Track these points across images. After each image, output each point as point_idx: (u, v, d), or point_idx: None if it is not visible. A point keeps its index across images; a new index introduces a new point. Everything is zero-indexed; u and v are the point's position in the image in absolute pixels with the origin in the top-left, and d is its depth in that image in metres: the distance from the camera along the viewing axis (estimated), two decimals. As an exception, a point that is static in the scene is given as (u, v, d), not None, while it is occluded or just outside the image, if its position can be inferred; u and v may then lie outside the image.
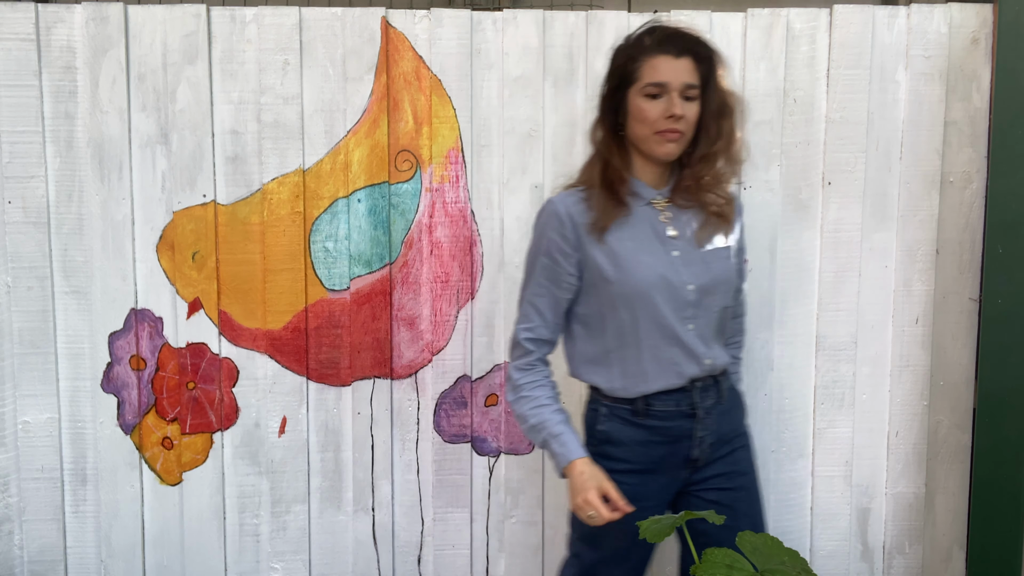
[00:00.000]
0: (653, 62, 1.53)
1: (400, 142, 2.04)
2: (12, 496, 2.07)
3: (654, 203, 1.60)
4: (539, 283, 1.62)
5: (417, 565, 2.15)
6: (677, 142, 1.55)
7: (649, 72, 1.53)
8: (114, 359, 2.06)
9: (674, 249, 1.58)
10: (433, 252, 2.07)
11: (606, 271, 1.56)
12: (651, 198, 1.60)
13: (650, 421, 1.60)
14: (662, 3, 2.16)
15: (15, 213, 2.00)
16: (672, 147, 1.55)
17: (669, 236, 1.59)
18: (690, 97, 1.54)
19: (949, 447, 2.13)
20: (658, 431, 1.60)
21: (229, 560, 2.12)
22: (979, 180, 2.06)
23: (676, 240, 1.59)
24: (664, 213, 1.60)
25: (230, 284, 2.05)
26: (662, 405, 1.60)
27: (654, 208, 1.60)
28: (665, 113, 1.52)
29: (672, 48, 1.53)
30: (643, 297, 1.55)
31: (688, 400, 1.60)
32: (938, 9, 2.04)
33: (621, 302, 1.56)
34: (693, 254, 1.59)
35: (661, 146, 1.55)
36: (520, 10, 2.03)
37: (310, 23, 2.01)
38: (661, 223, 1.59)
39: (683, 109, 1.52)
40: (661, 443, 1.61)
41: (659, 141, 1.55)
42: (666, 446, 1.61)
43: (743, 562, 1.10)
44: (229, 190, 2.03)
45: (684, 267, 1.57)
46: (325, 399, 2.09)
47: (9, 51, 1.96)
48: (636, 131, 1.57)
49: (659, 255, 1.57)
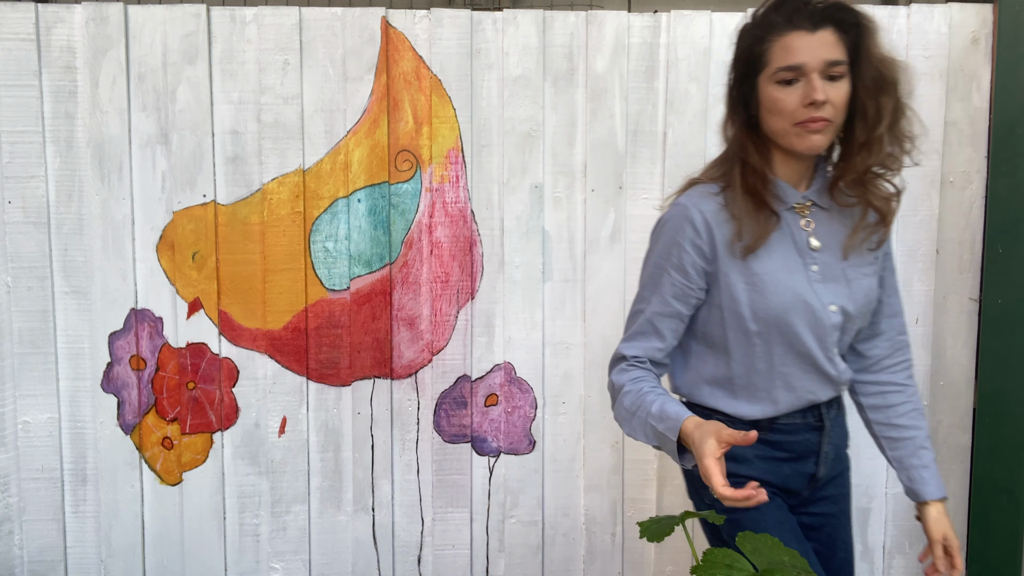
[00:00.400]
0: (784, 41, 1.27)
1: (400, 142, 2.04)
2: (12, 496, 2.07)
3: (796, 208, 1.36)
4: (664, 300, 1.37)
5: (417, 565, 2.15)
6: (824, 132, 1.28)
7: (780, 54, 1.27)
8: (114, 359, 2.06)
9: (814, 263, 1.35)
10: (433, 252, 2.07)
11: (739, 293, 1.34)
12: (794, 202, 1.35)
13: (774, 436, 1.39)
14: (662, 3, 2.16)
15: (15, 213, 2.00)
16: (819, 138, 1.28)
17: (811, 248, 1.35)
18: (835, 76, 1.27)
19: (949, 447, 2.13)
20: (782, 446, 1.40)
21: (229, 560, 2.12)
22: (979, 180, 2.06)
23: (818, 253, 1.35)
24: (805, 219, 1.36)
25: (230, 284, 2.05)
26: (787, 419, 1.40)
27: (796, 214, 1.36)
28: (804, 100, 1.26)
29: (806, 20, 1.26)
30: (780, 323, 1.33)
31: (816, 412, 1.41)
32: (938, 9, 2.04)
33: (755, 327, 1.34)
34: (835, 268, 1.35)
35: (804, 139, 1.28)
36: (520, 10, 2.03)
37: (310, 23, 2.01)
38: (802, 231, 1.35)
39: (826, 92, 1.26)
40: (786, 459, 1.41)
41: (800, 134, 1.28)
42: (790, 463, 1.41)
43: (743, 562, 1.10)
44: (229, 190, 2.03)
45: (824, 285, 1.35)
46: (325, 399, 2.09)
47: (9, 51, 1.96)
48: (772, 124, 1.31)
49: (798, 272, 1.34)
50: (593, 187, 2.06)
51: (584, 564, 2.17)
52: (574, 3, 2.66)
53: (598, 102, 2.04)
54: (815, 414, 1.40)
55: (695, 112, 2.05)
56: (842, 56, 1.27)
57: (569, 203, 2.07)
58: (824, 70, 1.26)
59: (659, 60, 2.04)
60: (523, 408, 2.11)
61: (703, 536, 2.14)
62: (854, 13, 1.28)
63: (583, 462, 2.14)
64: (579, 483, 2.15)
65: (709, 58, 2.04)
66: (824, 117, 1.26)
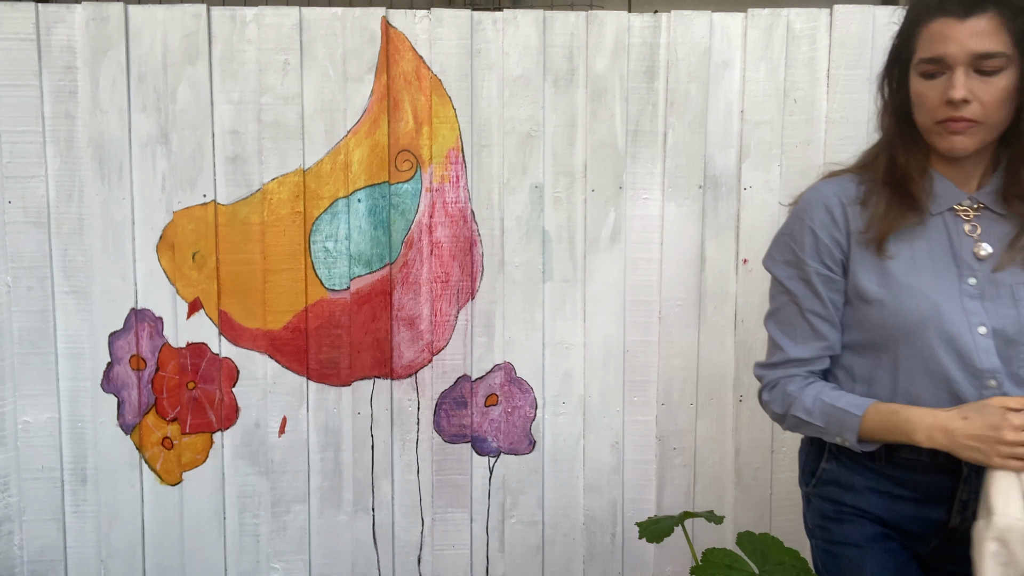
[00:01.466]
0: (931, 28, 1.14)
1: (400, 142, 2.04)
2: (12, 496, 2.07)
3: (958, 210, 1.21)
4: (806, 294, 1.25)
5: (417, 565, 2.15)
6: (966, 134, 1.15)
7: (925, 43, 1.15)
8: (114, 359, 2.06)
9: (972, 276, 1.19)
10: (433, 252, 2.07)
11: (867, 290, 1.21)
12: (955, 202, 1.21)
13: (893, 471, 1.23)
14: (662, 3, 2.16)
15: (15, 213, 2.00)
16: (960, 140, 1.15)
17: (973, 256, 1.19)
18: (989, 70, 1.12)
19: (949, 447, 2.13)
20: (904, 484, 1.23)
21: (229, 560, 2.12)
22: (979, 180, 2.06)
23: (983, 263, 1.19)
24: (971, 224, 1.20)
25: (230, 284, 2.05)
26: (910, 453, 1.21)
27: (957, 216, 1.21)
28: (944, 96, 1.14)
29: (958, 5, 1.12)
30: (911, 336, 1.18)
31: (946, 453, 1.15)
32: (938, 9, 2.04)
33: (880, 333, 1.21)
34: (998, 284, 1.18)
35: (944, 140, 1.16)
36: (520, 10, 2.03)
37: (310, 23, 2.01)
38: (966, 237, 1.20)
39: (969, 90, 1.12)
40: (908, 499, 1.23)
41: (941, 133, 1.16)
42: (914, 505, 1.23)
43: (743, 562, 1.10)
44: (229, 190, 2.03)
45: (980, 302, 1.18)
46: (325, 399, 2.09)
47: (9, 51, 1.96)
48: (918, 119, 1.19)
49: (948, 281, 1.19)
50: (593, 187, 2.06)
51: (584, 564, 2.17)
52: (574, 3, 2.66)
53: (598, 102, 2.04)
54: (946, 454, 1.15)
55: (695, 112, 2.05)
56: (1001, 47, 1.11)
57: (569, 203, 2.07)
58: (972, 63, 1.12)
59: (659, 60, 2.04)
60: (523, 408, 2.11)
61: (703, 536, 2.14)
62: None
63: (583, 462, 2.14)
64: (579, 483, 2.15)
65: (709, 58, 2.04)
66: (966, 117, 1.13)
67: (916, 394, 1.18)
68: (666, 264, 2.08)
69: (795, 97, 2.05)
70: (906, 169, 1.20)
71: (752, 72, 2.04)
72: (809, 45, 2.04)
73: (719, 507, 2.14)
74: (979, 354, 1.16)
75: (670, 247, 2.08)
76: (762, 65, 2.04)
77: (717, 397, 2.12)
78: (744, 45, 2.04)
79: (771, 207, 2.07)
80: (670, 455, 2.13)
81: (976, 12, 1.11)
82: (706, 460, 2.14)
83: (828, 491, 1.27)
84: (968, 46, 1.11)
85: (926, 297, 1.18)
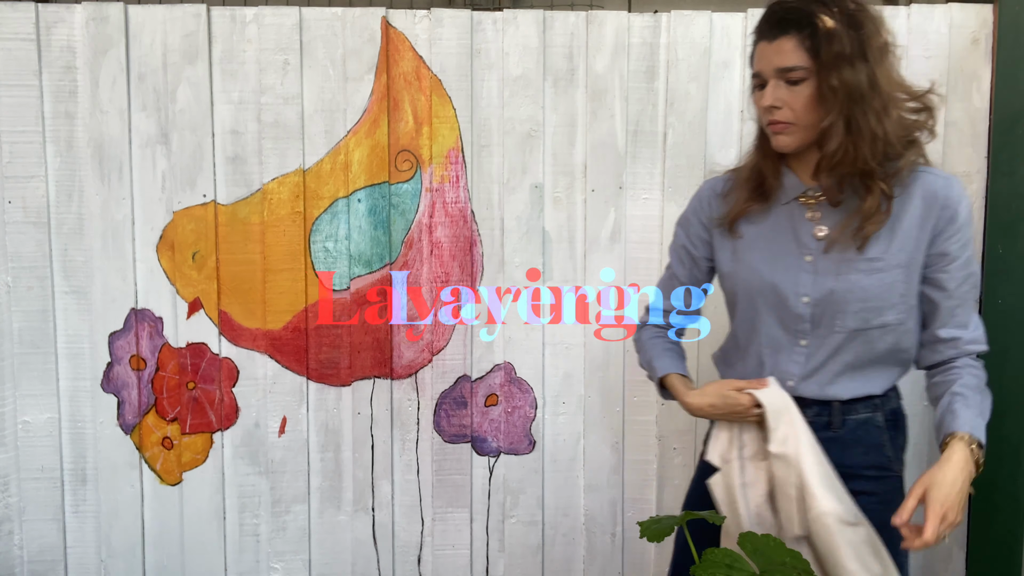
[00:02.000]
0: (756, 50, 1.38)
1: (400, 142, 2.04)
2: (12, 496, 2.07)
3: (802, 199, 1.41)
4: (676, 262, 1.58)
5: (417, 565, 2.15)
6: (785, 133, 1.36)
7: (753, 61, 1.39)
8: (114, 359, 2.06)
9: (808, 254, 1.39)
10: (433, 252, 2.07)
11: (722, 265, 1.49)
12: (799, 193, 1.41)
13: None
14: (662, 3, 2.16)
15: (15, 213, 2.00)
16: (782, 139, 1.36)
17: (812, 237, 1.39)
18: (794, 80, 1.32)
19: (949, 447, 2.13)
20: None
21: (229, 560, 2.12)
22: (979, 180, 2.06)
23: (819, 242, 1.39)
24: (812, 211, 1.40)
25: (230, 284, 2.05)
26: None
27: (802, 205, 1.41)
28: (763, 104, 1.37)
29: (768, 30, 1.34)
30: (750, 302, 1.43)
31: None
32: (938, 9, 2.04)
33: (732, 297, 1.49)
34: (829, 261, 1.38)
35: (773, 139, 1.38)
36: (520, 10, 2.03)
37: (310, 23, 2.01)
38: (806, 222, 1.40)
39: (777, 98, 1.33)
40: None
41: (771, 134, 1.38)
42: None
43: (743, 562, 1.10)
44: (229, 190, 2.03)
45: (812, 275, 1.38)
46: (325, 399, 2.09)
47: (9, 51, 1.96)
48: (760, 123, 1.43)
49: (787, 258, 1.40)
50: (593, 187, 2.06)
51: (584, 564, 2.17)
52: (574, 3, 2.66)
53: (598, 102, 2.04)
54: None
55: (695, 112, 2.05)
56: (800, 62, 1.31)
57: (569, 203, 2.07)
58: (780, 76, 1.33)
59: (659, 60, 2.04)
60: (523, 408, 2.11)
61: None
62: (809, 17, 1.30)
63: (583, 462, 2.14)
64: (579, 483, 2.15)
65: (709, 58, 2.04)
66: (781, 120, 1.35)
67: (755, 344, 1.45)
68: (666, 264, 2.08)
69: (795, 97, 2.05)
70: (762, 167, 1.43)
71: (752, 72, 2.04)
72: (809, 45, 2.04)
73: (719, 507, 2.14)
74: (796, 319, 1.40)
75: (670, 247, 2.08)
76: (762, 65, 2.04)
77: (717, 397, 2.12)
78: (744, 45, 2.04)
79: (771, 207, 2.07)
80: (670, 455, 2.13)
81: (780, 35, 1.33)
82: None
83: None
84: (774, 62, 1.33)
85: (761, 271, 1.42)
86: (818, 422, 1.40)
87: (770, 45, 1.34)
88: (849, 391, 1.40)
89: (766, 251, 1.42)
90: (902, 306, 1.37)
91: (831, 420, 1.42)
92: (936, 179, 1.36)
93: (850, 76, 1.29)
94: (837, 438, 1.41)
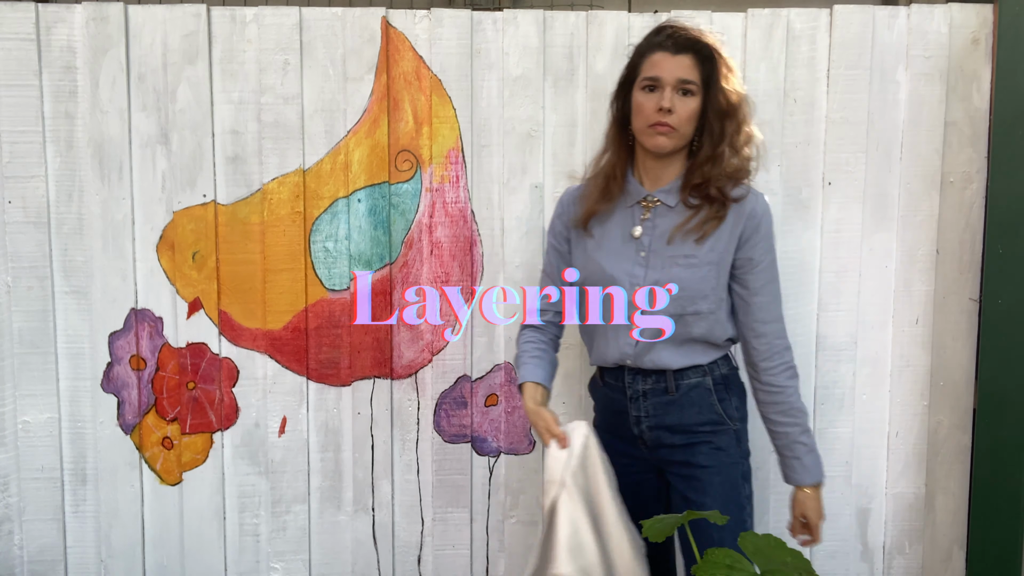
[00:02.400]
0: (652, 58, 1.58)
1: (400, 142, 2.04)
2: (12, 496, 2.07)
3: (642, 203, 1.64)
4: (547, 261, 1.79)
5: (417, 565, 2.15)
6: (668, 136, 1.57)
7: (647, 67, 1.58)
8: (114, 359, 2.06)
9: (643, 251, 1.62)
10: (433, 252, 2.07)
11: (576, 260, 1.70)
12: (640, 198, 1.64)
13: (603, 389, 1.74)
14: (662, 3, 2.16)
15: (15, 213, 2.00)
16: (662, 140, 1.58)
17: (635, 236, 1.63)
18: (687, 92, 1.56)
19: (949, 447, 2.13)
20: (607, 399, 1.73)
21: (229, 560, 2.12)
22: (979, 180, 2.06)
23: (643, 239, 1.62)
24: (647, 213, 1.63)
25: (230, 284, 2.05)
26: (609, 377, 1.72)
27: (641, 207, 1.64)
28: (656, 105, 1.56)
29: (671, 44, 1.57)
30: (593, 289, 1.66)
31: (620, 378, 1.69)
32: (938, 9, 2.04)
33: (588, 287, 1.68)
34: (662, 256, 1.61)
35: (652, 139, 1.58)
36: (520, 10, 2.03)
37: (310, 23, 2.01)
38: (643, 223, 1.63)
39: (673, 103, 1.55)
40: (610, 410, 1.74)
41: (651, 134, 1.58)
42: (613, 415, 1.72)
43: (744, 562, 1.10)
44: (229, 190, 2.03)
45: (645, 269, 1.61)
46: (325, 399, 2.09)
47: (9, 51, 1.96)
48: (635, 124, 1.61)
49: (625, 254, 1.63)
50: (593, 187, 2.06)
51: (584, 564, 2.17)
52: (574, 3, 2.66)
53: (598, 102, 2.04)
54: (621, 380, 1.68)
55: (695, 112, 2.05)
56: (695, 79, 1.56)
57: (569, 203, 2.07)
58: (677, 86, 1.56)
59: (659, 60, 2.03)
60: (523, 408, 2.11)
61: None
62: (711, 48, 1.57)
63: (583, 462, 2.14)
64: (579, 483, 2.14)
65: (709, 58, 2.04)
66: (669, 124, 1.56)
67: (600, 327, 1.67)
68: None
69: (795, 97, 2.05)
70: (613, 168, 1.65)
71: (752, 72, 2.04)
72: (809, 45, 2.04)
73: (719, 507, 2.14)
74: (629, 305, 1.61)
75: (670, 247, 2.08)
76: (762, 65, 2.04)
77: (717, 397, 2.12)
78: (744, 45, 2.04)
79: (771, 207, 2.06)
80: (670, 455, 2.13)
81: (682, 52, 1.57)
82: (706, 460, 2.14)
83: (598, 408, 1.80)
84: (675, 73, 1.56)
85: (601, 265, 1.64)
86: (657, 388, 1.65)
87: (673, 58, 1.56)
88: (677, 362, 1.63)
89: (609, 248, 1.64)
90: (713, 297, 1.61)
91: (667, 386, 1.65)
92: (746, 193, 1.61)
93: (725, 101, 1.57)
94: (675, 400, 1.65)
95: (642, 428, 1.68)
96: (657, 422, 1.67)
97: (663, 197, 1.63)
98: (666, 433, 1.67)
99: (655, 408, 1.66)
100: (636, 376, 1.67)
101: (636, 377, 1.67)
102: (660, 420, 1.66)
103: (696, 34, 1.58)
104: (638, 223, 1.63)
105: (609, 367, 1.71)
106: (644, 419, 1.67)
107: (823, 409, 2.13)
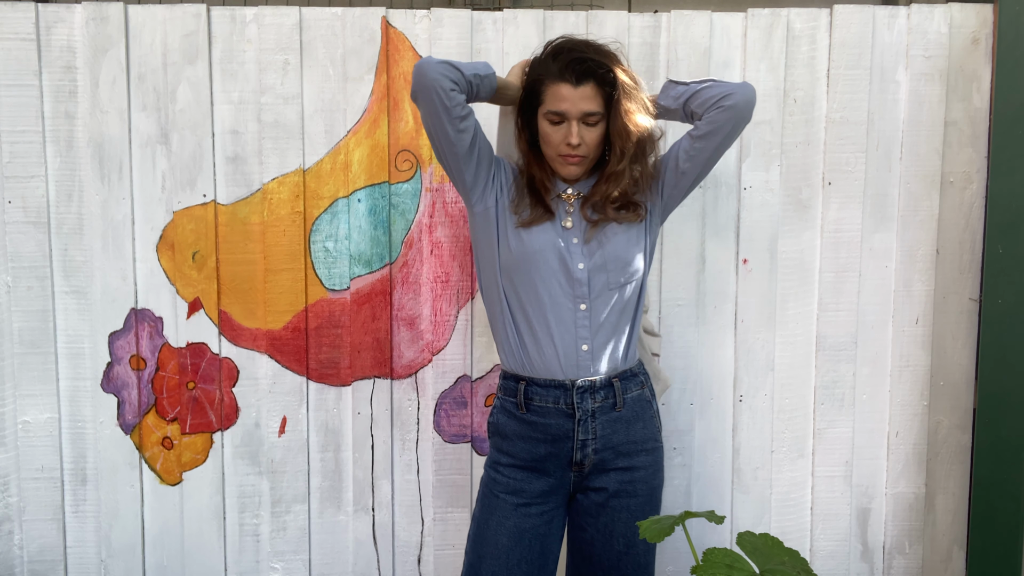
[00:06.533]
0: (555, 89, 1.58)
1: (400, 142, 2.04)
2: (12, 496, 2.07)
3: (563, 196, 1.67)
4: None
5: (417, 565, 2.15)
6: (579, 164, 1.62)
7: (551, 99, 1.58)
8: (114, 359, 2.06)
9: (575, 236, 1.64)
10: (433, 252, 2.07)
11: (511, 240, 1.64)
12: (562, 191, 1.67)
13: (530, 416, 1.63)
14: (662, 3, 2.16)
15: (15, 213, 2.00)
16: (574, 168, 1.63)
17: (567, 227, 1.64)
18: (591, 122, 1.58)
19: (949, 447, 2.13)
20: (538, 428, 1.63)
21: (229, 560, 2.12)
22: (979, 180, 2.06)
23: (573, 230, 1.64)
24: (571, 204, 1.66)
25: (230, 284, 2.05)
26: (540, 400, 1.63)
27: (563, 200, 1.67)
28: (564, 140, 1.59)
29: (572, 75, 1.56)
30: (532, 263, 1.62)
31: (567, 398, 1.61)
32: (938, 9, 2.04)
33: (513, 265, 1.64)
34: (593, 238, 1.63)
35: (563, 168, 1.63)
36: (520, 10, 2.03)
37: (310, 23, 2.01)
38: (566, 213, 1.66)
39: (581, 136, 1.58)
40: (542, 440, 1.63)
41: (562, 163, 1.63)
42: (547, 444, 1.63)
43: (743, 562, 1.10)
44: (229, 190, 2.03)
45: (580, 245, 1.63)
46: (325, 399, 2.09)
47: (9, 51, 1.96)
48: (544, 150, 1.65)
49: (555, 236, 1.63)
50: (593, 187, 2.06)
51: (584, 564, 2.16)
52: (574, 3, 2.66)
53: (598, 102, 2.04)
54: (567, 400, 1.61)
55: (695, 112, 2.05)
56: (598, 108, 1.58)
57: (569, 203, 2.07)
58: (582, 118, 1.57)
59: (659, 60, 2.04)
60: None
61: (703, 536, 2.14)
62: (610, 70, 1.57)
63: (583, 462, 2.14)
64: (579, 483, 2.14)
65: (709, 58, 2.04)
66: (579, 154, 1.60)
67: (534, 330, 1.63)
68: (666, 264, 2.08)
69: (795, 97, 2.05)
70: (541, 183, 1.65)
71: (752, 72, 2.04)
72: (809, 45, 2.04)
73: (719, 507, 2.14)
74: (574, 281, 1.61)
75: (670, 247, 2.08)
76: (762, 65, 2.04)
77: (717, 397, 2.12)
78: (744, 45, 2.04)
79: (771, 207, 2.07)
80: (670, 455, 2.13)
81: (584, 82, 1.56)
82: (706, 460, 2.14)
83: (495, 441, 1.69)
84: (579, 106, 1.57)
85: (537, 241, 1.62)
86: (606, 404, 1.62)
87: (575, 90, 1.56)
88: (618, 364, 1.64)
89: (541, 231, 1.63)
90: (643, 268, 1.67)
91: (615, 397, 1.63)
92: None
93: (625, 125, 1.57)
94: (622, 417, 1.64)
95: (586, 452, 1.62)
96: (606, 443, 1.63)
97: (581, 188, 1.67)
98: (616, 456, 1.64)
99: (605, 427, 1.63)
100: (591, 391, 1.62)
101: (592, 392, 1.62)
102: (608, 439, 1.63)
103: (594, 56, 1.57)
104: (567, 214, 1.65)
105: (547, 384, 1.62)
106: (588, 441, 1.62)
107: (823, 409, 2.13)
